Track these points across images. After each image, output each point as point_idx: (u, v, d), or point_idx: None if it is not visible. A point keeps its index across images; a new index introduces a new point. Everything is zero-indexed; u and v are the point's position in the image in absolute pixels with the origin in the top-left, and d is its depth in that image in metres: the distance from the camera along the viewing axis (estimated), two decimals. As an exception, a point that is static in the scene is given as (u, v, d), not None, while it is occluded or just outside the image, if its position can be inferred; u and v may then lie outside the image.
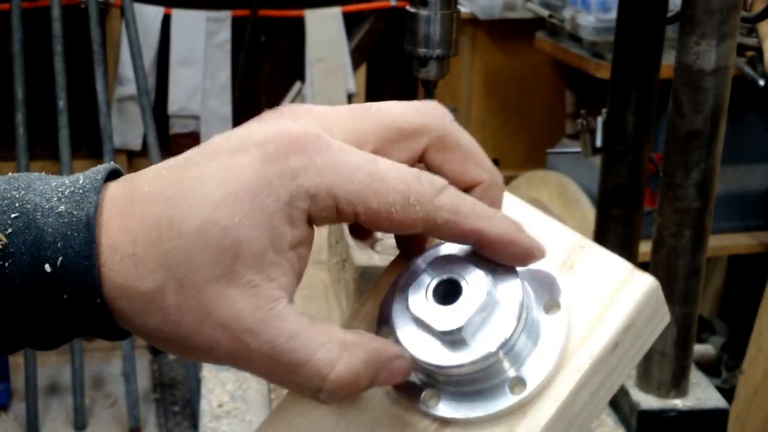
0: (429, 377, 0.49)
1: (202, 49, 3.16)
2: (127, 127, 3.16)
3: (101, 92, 2.91)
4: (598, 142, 1.32)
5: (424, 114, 0.48)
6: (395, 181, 0.45)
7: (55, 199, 0.44)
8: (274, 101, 3.29)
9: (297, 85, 3.28)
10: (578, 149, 1.36)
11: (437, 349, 0.47)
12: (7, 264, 0.43)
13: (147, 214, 0.44)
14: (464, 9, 2.92)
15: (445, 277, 0.48)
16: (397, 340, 0.48)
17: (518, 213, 0.52)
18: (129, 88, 3.08)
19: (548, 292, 0.49)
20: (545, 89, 3.13)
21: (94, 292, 0.44)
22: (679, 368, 1.20)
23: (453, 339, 0.47)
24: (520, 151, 3.15)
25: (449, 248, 0.49)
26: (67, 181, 0.46)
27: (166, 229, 0.43)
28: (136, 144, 3.18)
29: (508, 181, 2.93)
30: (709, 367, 1.41)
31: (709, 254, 1.19)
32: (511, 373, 0.47)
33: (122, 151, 3.17)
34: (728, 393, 2.14)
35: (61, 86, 2.87)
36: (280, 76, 3.29)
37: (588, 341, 0.47)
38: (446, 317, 0.47)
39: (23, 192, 0.45)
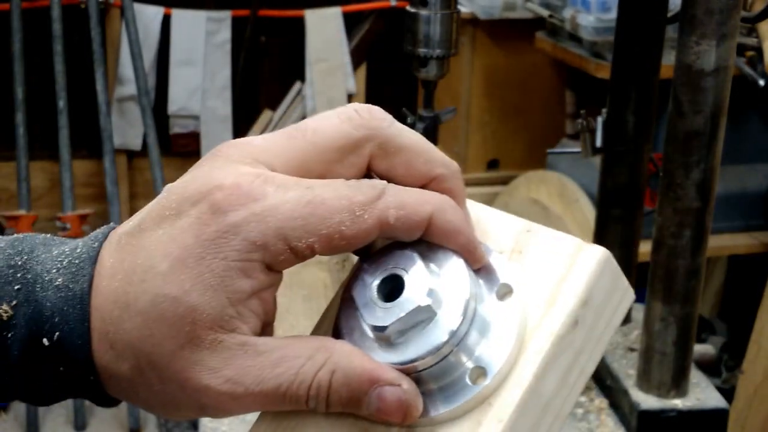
0: None
1: (202, 49, 3.16)
2: (127, 127, 3.16)
3: (101, 92, 2.91)
4: (598, 142, 1.32)
5: (360, 125, 0.47)
6: (336, 200, 0.44)
7: (54, 270, 0.45)
8: (274, 101, 3.29)
9: (297, 85, 3.28)
10: (578, 149, 1.36)
11: (382, 347, 0.46)
12: (9, 335, 0.44)
13: (110, 291, 0.45)
14: (464, 9, 2.92)
15: (387, 274, 0.47)
16: (342, 337, 0.47)
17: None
18: (129, 88, 3.08)
19: (499, 279, 0.47)
20: (545, 89, 3.13)
21: (88, 370, 0.45)
22: (679, 368, 1.20)
23: (380, 336, 0.46)
24: (520, 151, 3.15)
25: (401, 244, 0.48)
26: (66, 249, 0.47)
27: (125, 308, 0.44)
28: (136, 144, 3.18)
29: (508, 181, 2.93)
30: (709, 367, 1.41)
31: (709, 254, 1.19)
32: (470, 364, 0.46)
33: (122, 151, 3.17)
34: (728, 393, 2.14)
35: (61, 86, 2.87)
36: (280, 76, 3.29)
37: (546, 321, 0.46)
38: (381, 313, 0.46)
39: (26, 258, 0.46)
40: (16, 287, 0.45)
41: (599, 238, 1.36)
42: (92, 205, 3.11)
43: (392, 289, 0.47)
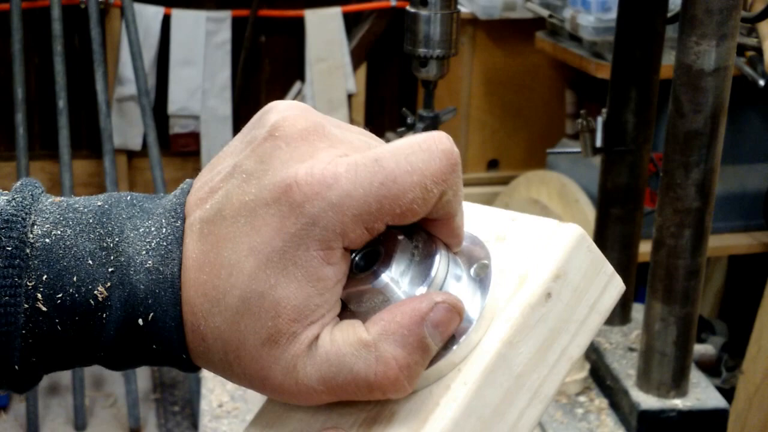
0: None
1: (202, 49, 3.16)
2: (127, 127, 3.16)
3: (101, 92, 2.91)
4: (598, 142, 1.33)
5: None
6: (407, 176, 0.44)
7: (144, 252, 0.47)
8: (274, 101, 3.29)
9: (297, 85, 3.28)
10: (578, 149, 1.36)
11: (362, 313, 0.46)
12: (104, 316, 0.46)
13: (199, 283, 0.46)
14: (464, 9, 2.92)
15: (372, 247, 0.47)
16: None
17: None
18: (129, 88, 3.08)
19: (477, 258, 0.48)
20: (545, 89, 3.13)
21: (180, 349, 0.47)
22: (679, 368, 1.20)
23: (356, 303, 0.46)
24: (520, 151, 3.15)
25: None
26: (153, 229, 0.48)
27: (216, 302, 0.46)
28: (136, 144, 3.18)
29: (508, 181, 2.93)
30: (709, 367, 1.41)
31: (709, 254, 1.19)
32: None
33: (122, 151, 3.17)
34: (728, 393, 2.15)
35: (61, 86, 2.87)
36: (280, 76, 3.29)
37: (518, 293, 0.47)
38: (358, 281, 0.46)
39: (117, 240, 0.47)
40: (110, 270, 0.46)
41: (599, 238, 1.36)
42: (92, 205, 3.11)
43: (368, 263, 0.47)
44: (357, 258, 0.47)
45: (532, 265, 0.47)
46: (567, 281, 0.47)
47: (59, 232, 0.47)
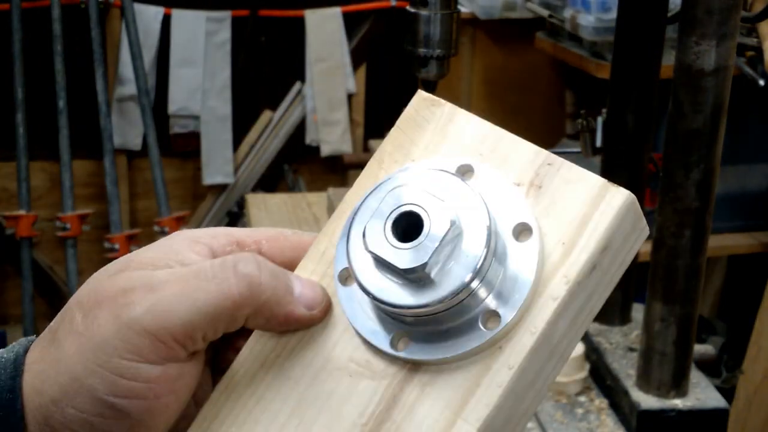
0: (396, 319, 0.46)
1: (202, 49, 3.16)
2: (127, 127, 3.16)
3: (101, 92, 2.91)
4: (598, 142, 1.33)
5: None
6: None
7: None
8: (274, 101, 3.29)
9: (297, 85, 3.28)
10: (578, 149, 1.36)
11: (401, 289, 0.44)
12: None
13: None
14: (464, 9, 2.92)
15: (403, 210, 0.45)
16: (359, 283, 0.46)
17: (477, 130, 0.49)
18: (129, 88, 3.08)
19: (516, 216, 0.45)
20: (545, 89, 3.13)
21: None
22: (679, 368, 1.20)
23: (417, 277, 0.44)
24: (520, 151, 3.15)
25: (403, 179, 0.46)
26: None
27: None
28: (136, 144, 3.18)
29: (508, 181, 2.93)
30: (709, 367, 1.41)
31: (709, 254, 1.19)
32: (484, 306, 0.44)
33: (122, 151, 3.17)
34: (728, 393, 2.14)
35: (61, 86, 2.87)
36: (280, 76, 3.29)
37: (563, 266, 0.44)
38: (408, 254, 0.44)
39: None
40: None
41: (599, 238, 1.36)
42: (92, 205, 3.11)
43: (406, 226, 0.45)
44: (392, 220, 0.45)
45: (579, 235, 0.44)
46: (612, 250, 0.45)
47: None
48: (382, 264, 0.45)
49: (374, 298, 0.45)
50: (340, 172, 3.32)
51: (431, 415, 0.44)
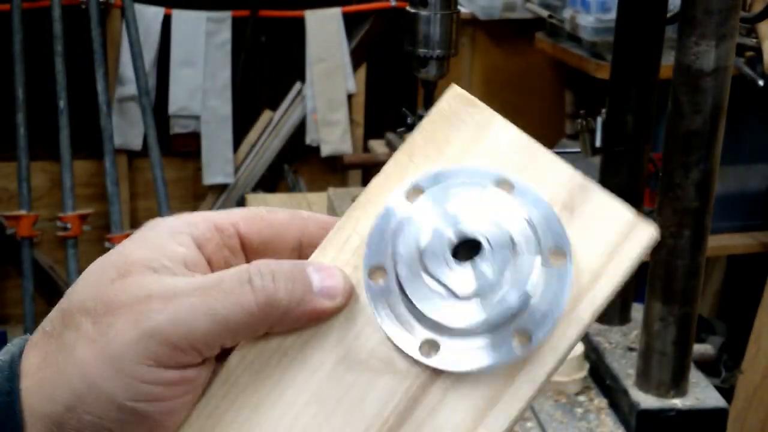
0: (426, 325, 0.47)
1: (202, 49, 3.16)
2: (127, 127, 3.16)
3: (102, 92, 2.91)
4: (598, 142, 1.33)
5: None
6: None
7: None
8: (274, 101, 3.30)
9: (297, 85, 3.28)
10: (578, 149, 1.37)
11: (449, 305, 0.46)
12: None
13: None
14: (464, 9, 2.92)
15: (465, 236, 0.47)
16: (402, 290, 0.47)
17: (514, 140, 0.51)
18: (129, 88, 3.08)
19: (554, 239, 0.47)
20: (545, 89, 3.13)
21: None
22: (679, 368, 1.20)
23: (468, 298, 0.46)
24: (520, 151, 3.15)
25: (455, 198, 0.48)
26: None
27: None
28: (136, 144, 3.18)
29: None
30: (708, 367, 1.41)
31: (708, 254, 1.19)
32: (517, 325, 0.46)
33: (122, 151, 3.17)
34: (728, 393, 2.15)
35: (61, 86, 2.87)
36: (280, 76, 3.29)
37: (590, 293, 0.47)
38: (466, 277, 0.46)
39: None
40: None
41: (599, 238, 1.36)
42: (93, 205, 3.12)
43: (462, 245, 0.47)
44: (450, 240, 0.47)
45: (607, 266, 0.47)
46: (629, 273, 0.48)
47: None
48: (434, 281, 0.46)
49: (420, 314, 0.46)
50: (341, 172, 3.32)
51: (452, 420, 0.46)
